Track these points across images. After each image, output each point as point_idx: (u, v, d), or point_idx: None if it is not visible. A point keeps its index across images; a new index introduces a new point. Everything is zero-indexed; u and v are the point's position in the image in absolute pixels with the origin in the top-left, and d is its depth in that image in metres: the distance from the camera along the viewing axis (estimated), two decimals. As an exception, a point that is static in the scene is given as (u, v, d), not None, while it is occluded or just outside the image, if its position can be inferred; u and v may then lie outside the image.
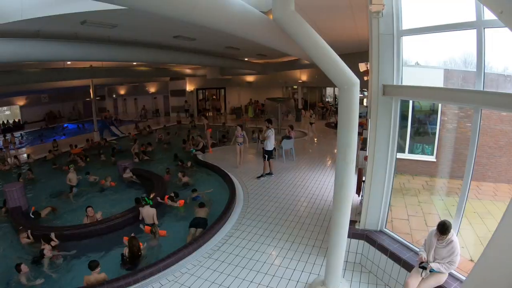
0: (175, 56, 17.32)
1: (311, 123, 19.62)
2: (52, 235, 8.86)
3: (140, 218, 9.90)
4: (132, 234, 8.44)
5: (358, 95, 5.32)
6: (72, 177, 13.36)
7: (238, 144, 14.25)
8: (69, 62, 19.11)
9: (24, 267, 7.54)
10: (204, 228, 9.14)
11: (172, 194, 11.19)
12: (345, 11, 9.80)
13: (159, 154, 18.88)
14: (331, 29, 12.24)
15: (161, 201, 10.92)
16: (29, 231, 9.46)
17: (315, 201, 10.33)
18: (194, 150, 17.11)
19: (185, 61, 19.34)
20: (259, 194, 11.08)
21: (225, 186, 12.27)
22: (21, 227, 9.68)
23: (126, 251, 8.00)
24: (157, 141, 21.39)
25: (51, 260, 8.23)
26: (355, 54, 13.92)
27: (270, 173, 13.07)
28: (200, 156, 16.62)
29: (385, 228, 7.11)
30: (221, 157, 16.15)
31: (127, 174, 14.05)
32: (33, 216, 10.90)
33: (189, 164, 15.42)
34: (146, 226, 9.46)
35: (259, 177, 12.78)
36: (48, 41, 11.43)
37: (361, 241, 7.06)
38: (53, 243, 8.65)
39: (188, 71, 30.16)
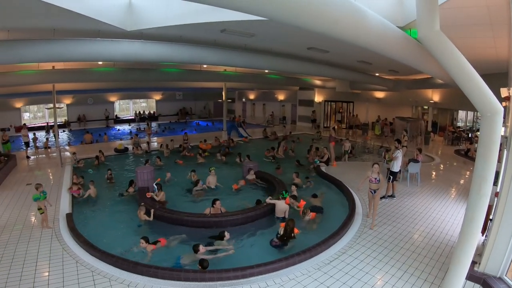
0: (307, 67, 17.52)
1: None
2: (151, 212, 10.47)
3: (268, 202, 11.09)
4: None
5: (501, 124, 4.84)
6: (212, 180, 13.78)
7: (371, 192, 10.40)
8: (205, 66, 20.36)
9: (202, 248, 8.27)
10: (322, 212, 11.02)
11: (295, 193, 11.95)
12: (485, 29, 9.00)
13: (283, 161, 19.10)
14: (468, 47, 11.35)
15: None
16: (152, 210, 10.52)
17: (434, 233, 9.57)
18: (318, 161, 17.07)
19: (316, 72, 19.43)
20: (378, 216, 10.59)
21: (345, 202, 12.07)
22: (143, 204, 10.88)
23: (281, 230, 8.89)
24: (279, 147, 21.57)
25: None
26: (491, 76, 12.61)
27: (392, 196, 12.49)
28: (323, 168, 16.50)
29: (505, 275, 6.33)
30: (344, 172, 15.85)
31: (251, 176, 14.47)
32: (155, 187, 12.11)
33: (311, 167, 16.66)
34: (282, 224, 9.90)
35: (380, 198, 12.20)
36: (189, 45, 12.44)
37: (477, 285, 6.41)
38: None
39: (317, 82, 30.24)
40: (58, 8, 7.72)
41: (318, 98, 33.98)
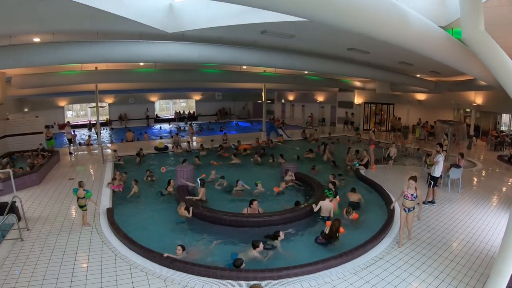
0: (347, 68, 17.32)
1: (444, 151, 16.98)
2: (190, 209, 10.73)
3: (316, 210, 10.88)
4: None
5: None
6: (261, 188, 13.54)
7: (405, 210, 8.85)
8: (245, 67, 20.54)
9: (261, 245, 8.43)
10: (359, 209, 11.32)
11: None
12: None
13: (319, 162, 18.82)
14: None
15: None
16: (191, 208, 10.74)
17: (474, 242, 9.22)
18: (357, 164, 16.77)
19: (357, 73, 19.21)
20: (416, 222, 10.17)
21: (383, 206, 11.82)
22: (183, 201, 11.17)
23: (326, 229, 9.13)
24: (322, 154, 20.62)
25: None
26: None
27: (432, 201, 12.09)
28: (363, 171, 16.25)
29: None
30: (384, 176, 15.61)
31: (289, 177, 14.35)
32: (198, 181, 12.52)
33: (348, 168, 16.85)
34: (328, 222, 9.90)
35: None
36: (230, 46, 12.61)
37: (516, 297, 6.15)
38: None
39: (357, 83, 29.82)
40: (101, 11, 7.99)
41: (358, 100, 33.41)
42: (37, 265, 7.86)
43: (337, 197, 11.51)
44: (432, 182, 11.95)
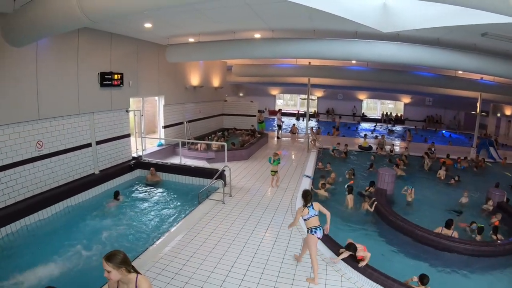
0: None
1: None
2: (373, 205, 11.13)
3: None
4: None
5: None
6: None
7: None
8: (460, 72, 19.13)
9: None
10: None
11: None
12: None
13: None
14: None
15: None
16: (375, 203, 11.25)
17: None
18: None
19: None
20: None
21: None
22: (368, 199, 11.66)
23: None
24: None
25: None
26: None
27: None
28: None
29: None
30: None
31: (489, 206, 12.32)
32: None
33: None
34: None
35: None
36: (446, 49, 11.98)
37: None
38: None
39: None
40: (319, 11, 8.56)
41: None
42: (231, 227, 9.17)
43: None
44: None
